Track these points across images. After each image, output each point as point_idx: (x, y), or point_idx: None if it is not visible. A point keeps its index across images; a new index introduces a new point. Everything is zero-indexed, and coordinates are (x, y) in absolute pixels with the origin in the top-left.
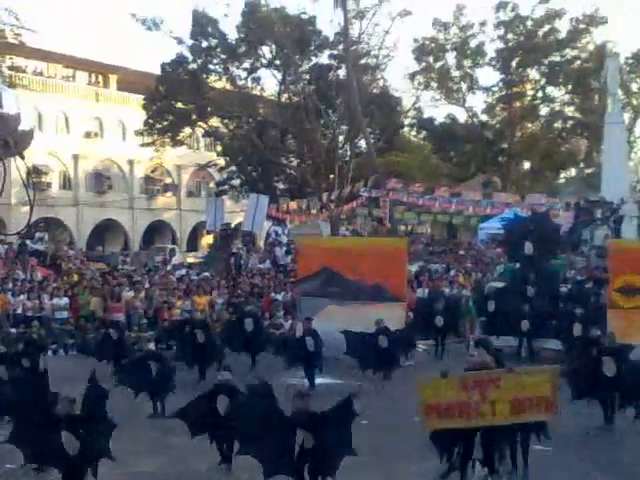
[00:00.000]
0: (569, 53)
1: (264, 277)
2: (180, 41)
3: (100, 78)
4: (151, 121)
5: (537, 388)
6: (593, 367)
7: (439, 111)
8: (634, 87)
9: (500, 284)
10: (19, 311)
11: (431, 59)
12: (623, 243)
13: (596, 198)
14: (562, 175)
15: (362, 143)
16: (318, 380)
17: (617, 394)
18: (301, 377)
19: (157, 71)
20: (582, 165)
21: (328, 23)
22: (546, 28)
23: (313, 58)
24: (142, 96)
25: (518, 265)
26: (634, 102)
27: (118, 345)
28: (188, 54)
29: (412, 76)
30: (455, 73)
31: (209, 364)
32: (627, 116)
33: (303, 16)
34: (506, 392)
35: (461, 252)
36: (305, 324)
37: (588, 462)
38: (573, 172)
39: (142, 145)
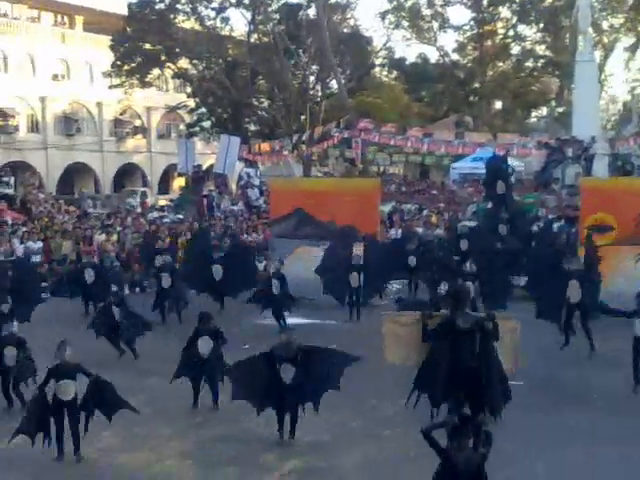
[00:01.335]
0: None
1: (237, 219)
2: None
3: (66, 19)
4: (119, 63)
5: (502, 337)
6: (559, 290)
7: (410, 51)
8: (605, 25)
9: (473, 223)
10: None
11: None
12: (594, 181)
13: (567, 137)
14: (533, 114)
15: (333, 83)
16: (291, 320)
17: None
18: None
19: (124, 12)
20: (553, 104)
21: None
22: None
23: None
24: (109, 37)
25: (490, 204)
26: (605, 40)
27: (94, 286)
28: None
29: (383, 15)
30: (426, 12)
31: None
32: (598, 54)
33: None
34: None
35: (434, 192)
36: (273, 266)
37: (558, 398)
38: (544, 111)
39: (110, 87)
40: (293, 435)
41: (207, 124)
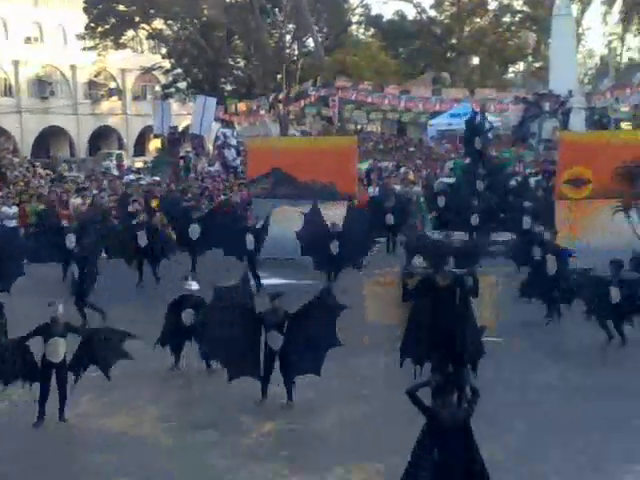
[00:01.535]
0: None
1: (214, 180)
2: None
3: None
4: (93, 24)
5: (482, 293)
6: (537, 267)
7: (387, 8)
8: None
9: (450, 180)
10: None
11: None
12: (571, 135)
13: (544, 91)
14: (511, 69)
15: (310, 42)
16: (270, 281)
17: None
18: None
19: None
20: (530, 59)
21: None
22: None
23: None
24: None
25: (468, 160)
26: None
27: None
28: None
29: None
30: None
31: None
32: (575, 8)
33: None
34: None
35: (411, 149)
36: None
37: (537, 350)
38: (522, 66)
39: (84, 49)
40: (291, 398)
41: (183, 85)
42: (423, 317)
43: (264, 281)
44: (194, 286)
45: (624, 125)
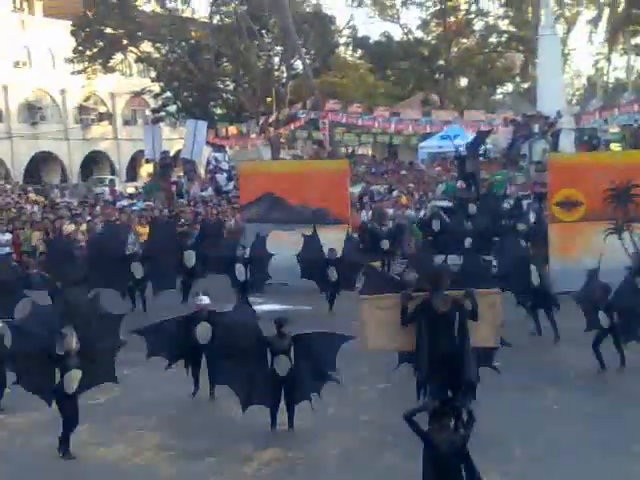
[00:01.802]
0: None
1: (207, 205)
2: None
3: (25, 4)
4: (81, 48)
5: (483, 313)
6: (523, 276)
7: (374, 29)
8: None
9: (444, 203)
10: None
11: None
12: (561, 157)
13: (533, 112)
14: (499, 90)
15: (298, 64)
16: (266, 307)
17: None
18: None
19: None
20: (518, 79)
21: None
22: None
23: None
24: (70, 22)
25: (459, 183)
26: (567, 14)
27: None
28: None
29: None
30: None
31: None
32: (561, 28)
33: None
34: None
35: (403, 172)
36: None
37: (536, 374)
38: (510, 87)
39: (73, 73)
40: (292, 425)
41: (173, 108)
42: (422, 340)
43: (261, 307)
44: (205, 300)
45: (614, 146)
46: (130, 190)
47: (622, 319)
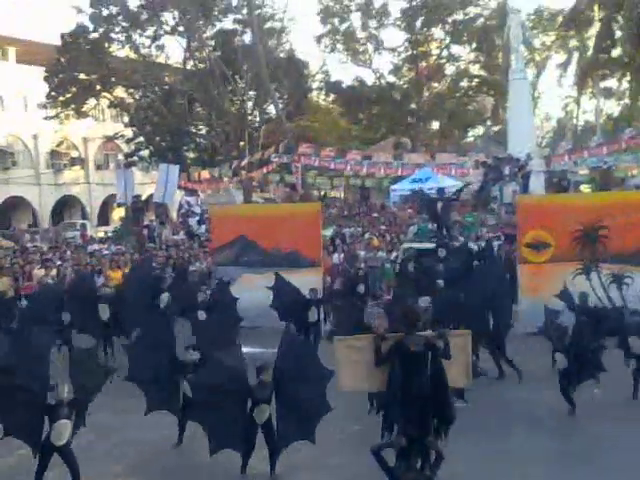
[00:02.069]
0: (472, 11)
1: (179, 248)
2: (79, 10)
3: None
4: (54, 93)
5: (454, 354)
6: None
7: (347, 74)
8: (536, 43)
9: (417, 245)
10: None
11: (336, 21)
12: (530, 198)
13: (504, 155)
14: (470, 133)
15: (271, 109)
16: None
17: None
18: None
19: (57, 42)
20: (489, 123)
21: None
22: None
23: (217, 23)
24: (43, 68)
25: (431, 225)
26: (537, 58)
27: None
28: (89, 23)
29: (318, 39)
30: (361, 34)
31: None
32: (530, 72)
33: None
34: None
35: (374, 214)
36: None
37: (503, 416)
38: (481, 130)
39: (46, 118)
40: (274, 469)
41: (145, 153)
42: (394, 381)
43: None
44: (195, 356)
45: (584, 187)
46: (101, 234)
47: (577, 360)
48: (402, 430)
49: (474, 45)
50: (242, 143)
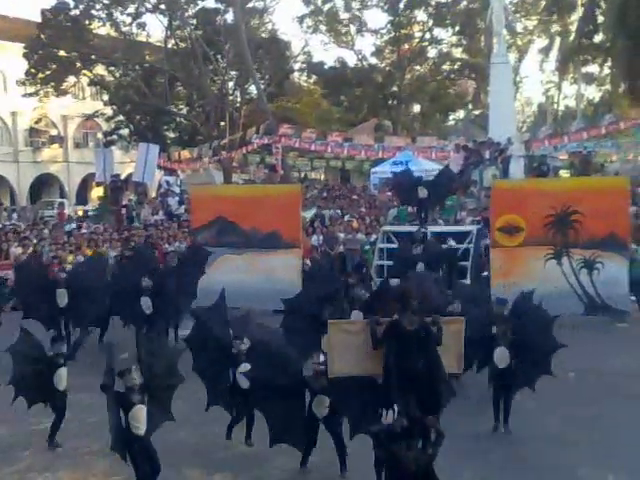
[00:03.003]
0: None
1: (158, 228)
2: None
3: None
4: (33, 70)
5: (447, 340)
6: None
7: (329, 55)
8: (519, 27)
9: (397, 228)
10: None
11: (319, 1)
12: (504, 183)
13: (484, 139)
14: (451, 117)
15: (252, 89)
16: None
17: None
18: None
19: (38, 18)
20: (470, 107)
21: None
22: None
23: (199, 2)
24: (23, 44)
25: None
26: (519, 42)
27: None
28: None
29: (301, 19)
30: (344, 15)
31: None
32: (512, 57)
33: None
34: None
35: (354, 197)
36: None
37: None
38: (462, 114)
39: (24, 95)
40: (345, 467)
41: (125, 132)
42: (392, 362)
43: None
44: (245, 345)
45: (563, 173)
46: (81, 213)
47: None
48: (402, 410)
49: (457, 28)
50: (222, 123)
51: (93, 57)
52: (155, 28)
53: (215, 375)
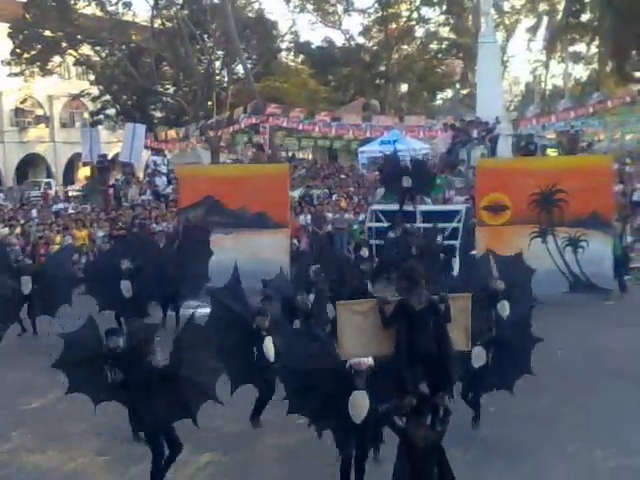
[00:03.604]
0: None
1: (145, 208)
2: None
3: None
4: (18, 50)
5: (455, 317)
6: None
7: (316, 35)
8: (506, 6)
9: (382, 206)
10: None
11: None
12: (489, 162)
13: (472, 118)
14: (439, 96)
15: (239, 69)
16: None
17: None
18: None
19: None
20: (458, 86)
21: None
22: None
23: None
24: (8, 24)
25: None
26: (506, 22)
27: None
28: None
29: None
30: None
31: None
32: (500, 36)
33: None
34: None
35: (342, 176)
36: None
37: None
38: (449, 93)
39: (10, 75)
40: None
41: (112, 112)
42: (402, 340)
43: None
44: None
45: (550, 151)
46: (72, 193)
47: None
48: (411, 388)
49: (444, 7)
50: (210, 103)
51: (79, 37)
52: (141, 7)
53: (240, 354)
